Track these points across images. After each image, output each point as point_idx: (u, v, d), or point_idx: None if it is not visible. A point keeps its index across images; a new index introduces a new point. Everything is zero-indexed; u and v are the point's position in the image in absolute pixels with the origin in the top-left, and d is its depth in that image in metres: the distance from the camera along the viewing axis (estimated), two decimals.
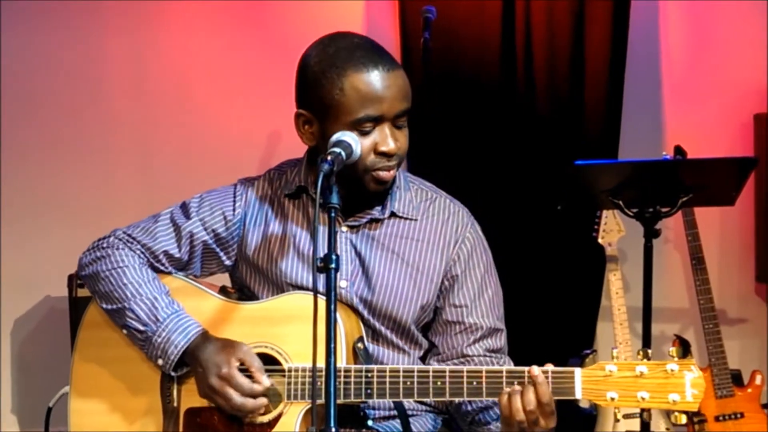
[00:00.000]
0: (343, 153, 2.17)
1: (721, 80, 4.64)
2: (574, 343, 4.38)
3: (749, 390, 4.09)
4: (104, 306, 2.42)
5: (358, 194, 2.36)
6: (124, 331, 2.40)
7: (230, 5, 4.52)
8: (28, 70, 4.43)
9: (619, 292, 4.10)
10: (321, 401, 2.19)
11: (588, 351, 4.13)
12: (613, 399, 2.10)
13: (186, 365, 2.35)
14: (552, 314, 4.46)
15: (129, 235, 2.48)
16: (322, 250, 2.02)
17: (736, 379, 4.10)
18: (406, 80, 2.32)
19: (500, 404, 2.16)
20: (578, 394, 2.13)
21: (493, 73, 4.46)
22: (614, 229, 4.13)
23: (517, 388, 2.14)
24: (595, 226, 4.14)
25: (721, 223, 4.60)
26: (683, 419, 2.10)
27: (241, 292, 2.51)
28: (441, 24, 4.14)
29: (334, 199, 2.05)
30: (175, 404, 2.37)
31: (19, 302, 4.39)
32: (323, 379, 2.03)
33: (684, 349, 4.17)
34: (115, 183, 4.48)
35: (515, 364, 2.43)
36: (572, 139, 4.48)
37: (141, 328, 2.36)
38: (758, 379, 4.10)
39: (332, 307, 1.99)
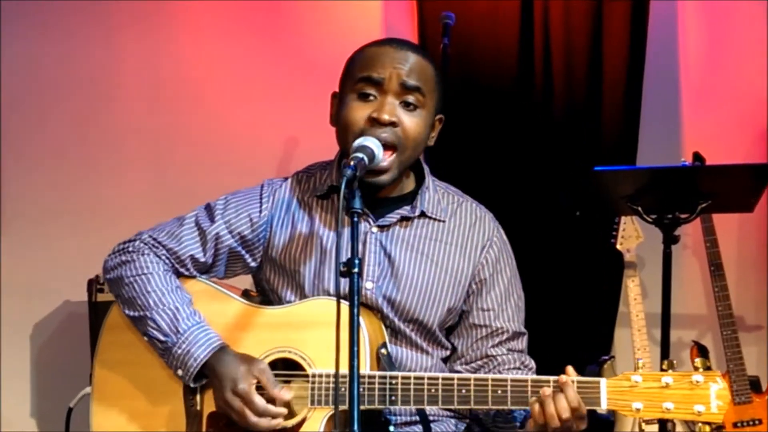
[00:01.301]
0: (365, 158, 2.20)
1: (740, 87, 4.63)
2: (592, 348, 4.38)
3: (767, 396, 4.08)
4: (127, 312, 2.44)
5: (387, 195, 2.40)
6: (146, 338, 2.41)
7: (245, 8, 4.52)
8: (44, 75, 4.45)
9: (637, 298, 4.10)
10: (344, 407, 2.23)
11: (606, 357, 4.14)
12: (638, 410, 2.11)
13: (205, 377, 2.36)
14: (570, 320, 4.45)
15: (155, 239, 2.49)
16: (345, 255, 2.04)
17: (755, 385, 4.09)
18: (424, 65, 2.37)
19: (533, 412, 2.16)
20: (603, 405, 2.13)
21: (511, 78, 4.45)
22: (633, 235, 4.13)
23: (548, 392, 2.14)
24: (614, 233, 4.14)
25: (738, 230, 4.58)
26: (707, 430, 2.10)
27: (263, 294, 2.52)
28: (458, 28, 4.13)
29: (357, 203, 2.08)
30: (198, 408, 2.38)
31: (38, 307, 4.40)
32: (347, 384, 2.05)
33: (702, 355, 4.18)
34: (133, 188, 4.49)
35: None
36: (590, 145, 4.47)
37: (162, 338, 2.37)
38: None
39: (356, 311, 2.00)
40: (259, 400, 2.27)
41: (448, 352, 2.49)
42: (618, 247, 4.14)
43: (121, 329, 2.48)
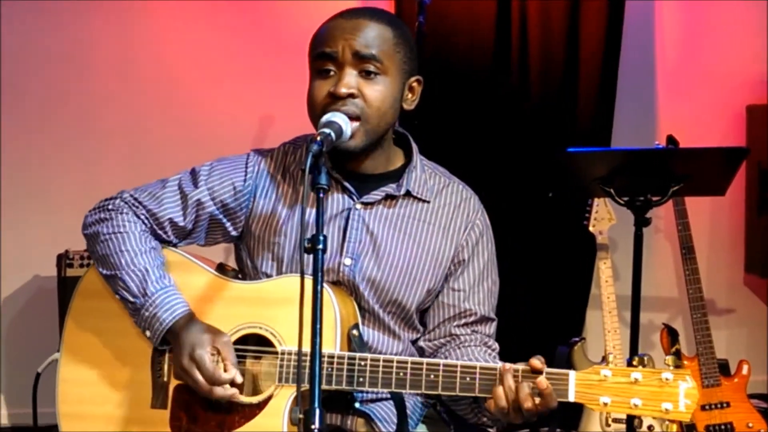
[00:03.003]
0: (333, 133, 2.19)
1: (715, 71, 4.65)
2: (563, 330, 4.39)
3: (736, 380, 4.10)
4: (100, 269, 2.42)
5: (372, 171, 2.39)
6: (117, 296, 2.39)
7: None
8: (15, 51, 4.38)
9: (608, 280, 4.10)
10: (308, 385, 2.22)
11: (576, 339, 4.14)
12: (606, 404, 2.09)
13: (168, 342, 2.34)
14: (542, 302, 4.46)
15: (135, 199, 2.45)
16: (310, 231, 2.04)
17: (723, 368, 4.10)
18: (380, 29, 2.32)
19: (496, 396, 2.14)
20: (571, 397, 2.12)
21: (487, 61, 4.44)
22: (605, 217, 4.12)
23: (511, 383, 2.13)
24: (587, 215, 4.14)
25: (711, 214, 4.61)
26: (674, 428, 2.10)
27: (241, 265, 2.49)
28: (435, 9, 4.10)
29: (323, 179, 2.06)
30: (165, 379, 2.36)
31: (8, 282, 4.37)
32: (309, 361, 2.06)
33: (672, 338, 4.19)
34: (104, 166, 4.44)
35: (505, 351, 2.45)
36: (565, 129, 4.48)
37: (131, 299, 2.35)
38: (745, 369, 4.10)
39: (319, 287, 1.98)
40: (212, 366, 2.24)
41: (418, 335, 2.47)
42: (591, 229, 4.13)
43: (94, 296, 2.46)
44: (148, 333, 2.33)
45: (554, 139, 4.42)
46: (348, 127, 2.25)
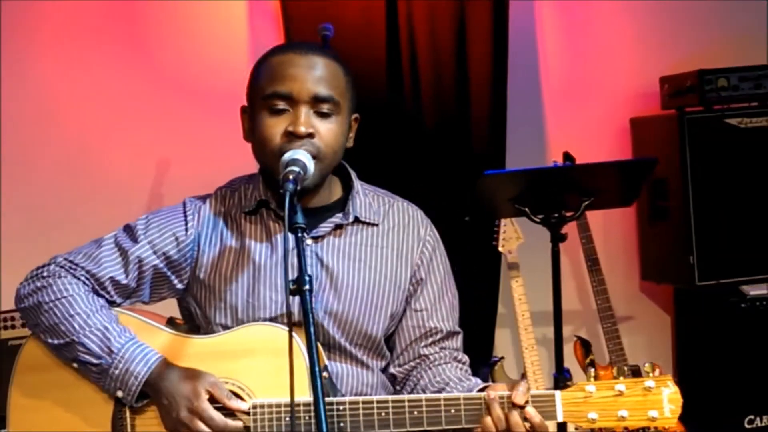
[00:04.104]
0: (301, 171, 2.16)
1: (598, 87, 4.78)
2: (474, 350, 4.39)
3: None
4: (49, 341, 2.29)
5: (317, 204, 2.35)
6: (75, 365, 2.28)
7: (100, 20, 4.28)
8: None
9: (522, 298, 4.16)
10: None
11: (496, 359, 4.20)
12: (593, 420, 2.11)
13: (146, 396, 2.25)
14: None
15: (71, 262, 2.34)
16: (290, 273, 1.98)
17: (636, 374, 4.15)
18: (333, 69, 2.30)
19: (486, 426, 2.14)
20: (560, 417, 2.13)
21: (381, 88, 4.42)
22: (513, 236, 4.19)
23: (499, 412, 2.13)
24: (495, 235, 4.19)
25: (603, 225, 4.71)
26: None
27: (190, 319, 2.41)
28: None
29: (300, 218, 2.02)
30: None
31: None
32: (290, 414, 2.10)
33: (586, 349, 4.29)
34: None
35: None
36: (460, 153, 4.51)
37: (95, 361, 2.25)
38: (656, 373, 4.21)
39: (311, 330, 1.94)
40: (219, 417, 2.18)
41: (386, 362, 2.44)
42: (500, 249, 4.20)
43: (36, 370, 2.34)
44: (120, 393, 2.23)
45: (450, 165, 4.46)
46: (311, 164, 2.21)
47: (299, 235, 2.01)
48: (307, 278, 1.95)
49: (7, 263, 4.08)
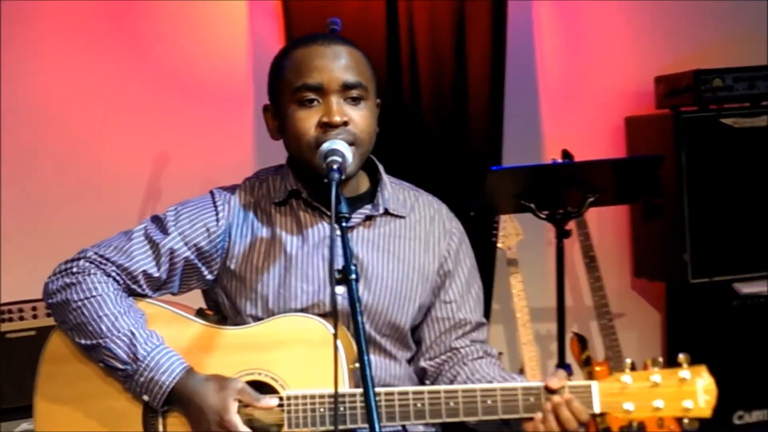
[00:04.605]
0: (341, 159, 2.16)
1: (594, 84, 4.82)
2: None
3: None
4: (77, 340, 2.28)
5: (346, 195, 2.32)
6: (101, 365, 2.27)
7: (102, 16, 4.26)
8: None
9: (520, 294, 4.19)
10: (319, 428, 2.17)
11: None
12: (629, 411, 2.12)
13: (171, 403, 2.24)
14: None
15: (101, 256, 2.32)
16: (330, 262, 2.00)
17: (632, 370, 4.24)
18: (356, 56, 2.32)
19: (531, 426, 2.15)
20: (596, 408, 2.14)
21: (380, 86, 4.42)
22: (513, 233, 4.22)
23: (548, 407, 2.14)
24: (494, 231, 4.22)
25: (597, 221, 4.74)
26: (696, 425, 2.15)
27: (218, 310, 2.40)
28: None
29: (344, 208, 2.03)
30: None
31: None
32: (324, 405, 2.12)
33: (582, 345, 4.33)
34: None
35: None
36: (458, 150, 4.53)
37: (120, 367, 2.24)
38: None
39: (359, 318, 1.94)
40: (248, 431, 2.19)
41: (411, 354, 2.45)
42: (500, 245, 4.22)
43: (64, 360, 2.31)
44: (145, 397, 2.23)
45: (450, 161, 4.48)
46: (349, 153, 2.22)
47: (343, 224, 2.01)
48: (353, 267, 1.95)
49: (6, 256, 4.05)
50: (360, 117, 2.29)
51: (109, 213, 4.15)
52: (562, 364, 3.80)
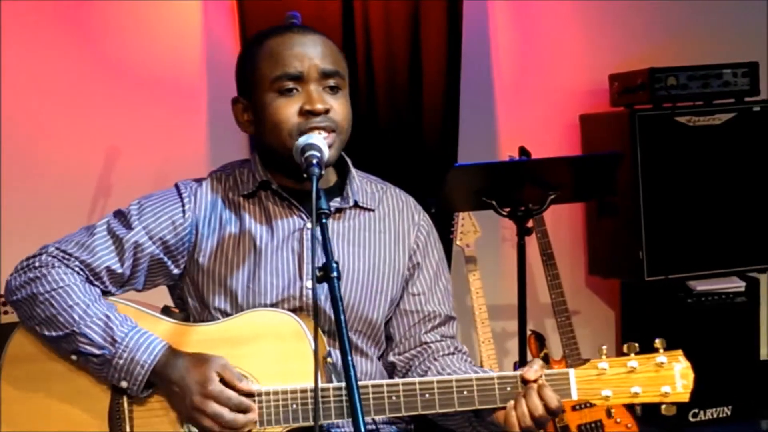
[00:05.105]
0: (319, 154, 2.11)
1: (549, 82, 4.84)
2: None
3: None
4: (46, 333, 2.20)
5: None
6: (74, 357, 2.19)
7: (54, 13, 4.20)
8: None
9: (479, 291, 4.18)
10: (293, 425, 2.13)
11: None
12: (607, 397, 2.12)
13: (151, 385, 2.18)
14: None
15: (63, 251, 2.25)
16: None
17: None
18: (331, 45, 2.30)
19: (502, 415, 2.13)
20: (574, 395, 2.14)
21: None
22: (471, 230, 4.21)
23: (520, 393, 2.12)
24: (452, 229, 4.20)
25: (551, 219, 4.74)
26: (674, 410, 2.14)
27: (184, 305, 2.34)
28: None
29: (324, 204, 1.99)
30: (128, 430, 2.19)
31: None
32: (297, 401, 2.07)
33: (540, 343, 4.32)
34: None
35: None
36: (413, 147, 4.52)
37: (97, 352, 2.16)
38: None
39: (342, 317, 1.89)
40: (234, 396, 2.12)
41: (382, 351, 2.41)
42: (458, 242, 4.21)
43: (25, 361, 2.24)
44: (124, 383, 2.15)
45: (405, 159, 4.46)
46: (325, 146, 2.17)
47: (323, 221, 1.97)
48: (334, 265, 1.91)
49: None
50: (339, 105, 2.26)
51: (59, 208, 4.09)
52: (523, 362, 3.79)
